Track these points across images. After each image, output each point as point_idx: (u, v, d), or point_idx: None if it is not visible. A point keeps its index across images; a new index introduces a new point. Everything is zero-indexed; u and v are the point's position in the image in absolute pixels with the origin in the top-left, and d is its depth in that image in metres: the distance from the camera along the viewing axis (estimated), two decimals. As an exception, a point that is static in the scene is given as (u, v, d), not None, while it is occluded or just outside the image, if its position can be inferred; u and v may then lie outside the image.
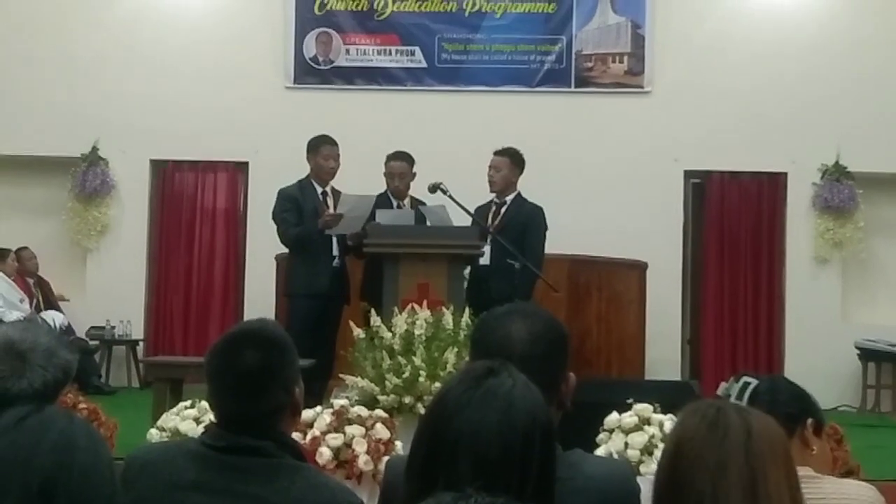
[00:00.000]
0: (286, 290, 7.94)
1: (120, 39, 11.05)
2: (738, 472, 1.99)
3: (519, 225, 7.83)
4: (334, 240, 7.73)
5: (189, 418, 5.41)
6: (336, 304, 7.78)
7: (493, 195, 8.07)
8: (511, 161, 8.04)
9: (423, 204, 7.86)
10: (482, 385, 1.84)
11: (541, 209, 7.99)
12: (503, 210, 7.99)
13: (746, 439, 2.02)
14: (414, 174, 8.09)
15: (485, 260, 7.55)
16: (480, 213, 7.86)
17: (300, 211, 7.75)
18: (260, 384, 2.44)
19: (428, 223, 7.65)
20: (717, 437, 2.02)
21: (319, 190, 7.89)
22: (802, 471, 2.50)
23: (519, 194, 8.06)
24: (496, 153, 8.13)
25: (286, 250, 8.07)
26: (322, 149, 7.89)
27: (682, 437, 2.08)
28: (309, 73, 11.10)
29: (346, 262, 7.91)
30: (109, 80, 10.96)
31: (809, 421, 2.72)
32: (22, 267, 10.66)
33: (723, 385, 2.91)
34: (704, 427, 2.05)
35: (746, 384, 2.81)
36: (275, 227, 7.90)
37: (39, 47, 11.00)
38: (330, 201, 7.85)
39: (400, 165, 8.08)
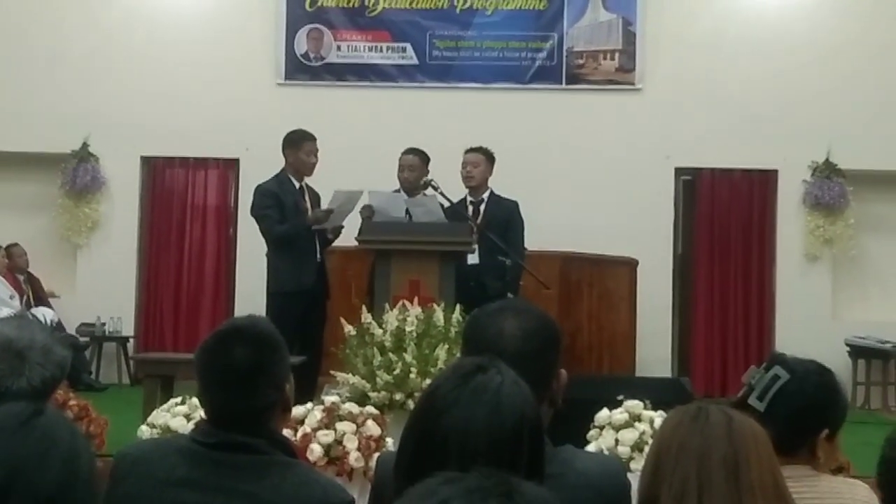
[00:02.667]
0: (271, 287, 7.80)
1: (111, 36, 11.02)
2: (721, 457, 2.01)
3: (501, 221, 7.85)
4: (315, 234, 7.73)
5: (180, 415, 5.40)
6: (319, 299, 7.76)
7: (468, 194, 8.08)
8: (486, 158, 8.11)
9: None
10: (470, 382, 1.84)
11: (517, 204, 8.04)
12: (482, 208, 8.00)
13: (728, 426, 2.05)
14: (427, 171, 8.07)
15: (474, 258, 7.55)
16: (455, 212, 7.83)
17: (282, 206, 7.73)
18: (250, 381, 2.44)
19: (411, 214, 7.60)
20: (699, 425, 2.05)
21: (297, 185, 7.87)
22: (800, 470, 2.50)
23: (492, 191, 8.09)
24: (471, 150, 8.16)
25: (274, 248, 8.00)
26: (305, 144, 7.87)
27: (666, 429, 2.11)
28: (300, 69, 11.09)
29: (325, 257, 7.91)
30: (100, 77, 10.94)
31: (824, 433, 2.62)
32: (12, 263, 10.63)
33: (752, 369, 2.70)
34: (688, 418, 2.09)
35: (776, 378, 2.63)
36: (258, 224, 7.87)
37: (30, 43, 10.97)
38: (307, 196, 7.85)
39: (410, 158, 8.09)
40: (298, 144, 7.88)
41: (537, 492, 1.12)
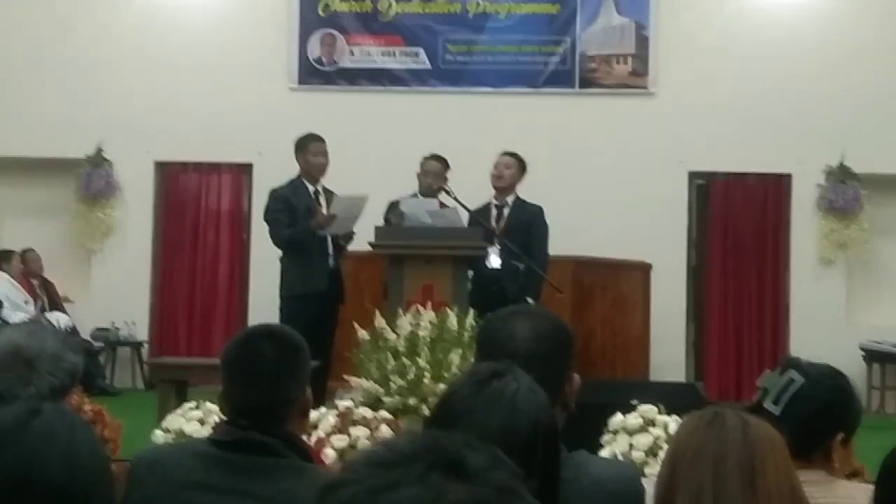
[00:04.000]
0: (283, 291, 7.85)
1: (125, 41, 11.05)
2: (736, 462, 2.00)
3: (523, 226, 7.87)
4: (329, 239, 7.74)
5: (194, 419, 5.41)
6: (332, 304, 7.77)
7: (493, 198, 8.09)
8: (519, 164, 8.13)
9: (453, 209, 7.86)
10: (486, 388, 1.84)
11: (542, 209, 8.04)
12: (505, 212, 8.01)
13: (744, 431, 2.05)
14: (447, 178, 8.07)
15: (497, 263, 7.56)
16: (479, 215, 7.87)
17: (293, 211, 7.73)
18: (274, 374, 2.52)
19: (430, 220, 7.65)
20: (715, 430, 2.05)
21: (311, 189, 7.88)
22: (816, 474, 2.50)
23: (517, 196, 8.10)
24: (506, 153, 8.17)
25: (285, 252, 8.02)
26: (310, 146, 7.88)
27: (682, 434, 2.11)
28: (313, 74, 11.10)
29: (340, 262, 7.92)
30: (114, 82, 10.97)
31: (839, 437, 2.61)
32: (27, 268, 10.67)
33: (766, 373, 2.71)
34: (704, 423, 2.08)
35: (790, 382, 2.62)
36: (268, 227, 7.89)
37: (45, 49, 11.01)
38: (322, 200, 7.85)
39: (433, 165, 8.12)
40: (305, 147, 7.90)
41: (472, 492, 1.08)
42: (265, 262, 9.60)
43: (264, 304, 9.25)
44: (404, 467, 1.08)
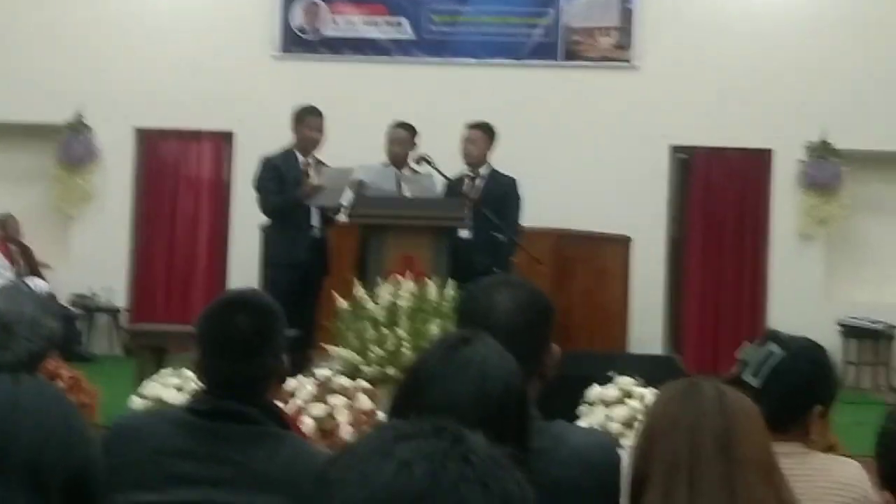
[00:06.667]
0: (266, 259, 7.91)
1: (105, 6, 10.96)
2: (712, 432, 2.01)
3: (497, 198, 7.84)
4: (313, 209, 7.73)
5: (171, 386, 5.41)
6: (315, 274, 7.77)
7: (466, 169, 8.07)
8: (485, 134, 8.07)
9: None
10: (455, 356, 1.84)
11: (515, 181, 8.02)
12: (478, 182, 8.00)
13: (720, 401, 2.05)
14: (415, 145, 8.06)
15: (467, 233, 7.56)
16: (453, 187, 7.85)
17: (282, 180, 7.73)
18: (251, 348, 2.48)
19: (407, 191, 7.66)
20: (691, 400, 2.05)
21: (302, 160, 7.87)
22: (793, 447, 2.51)
23: (491, 167, 8.08)
24: (471, 126, 8.12)
25: (270, 220, 8.05)
26: (308, 120, 7.86)
27: (658, 404, 2.11)
28: (296, 42, 11.04)
29: (325, 233, 7.91)
30: (94, 48, 10.89)
31: (817, 409, 2.62)
32: (5, 234, 10.61)
33: (746, 345, 2.71)
34: (680, 394, 2.08)
35: (770, 354, 2.62)
36: (256, 195, 7.88)
37: (24, 14, 10.92)
38: (313, 172, 7.84)
39: (399, 132, 8.08)
40: (302, 119, 7.87)
41: (488, 451, 1.11)
42: (245, 229, 9.60)
43: (244, 271, 9.24)
44: (413, 427, 1.13)
